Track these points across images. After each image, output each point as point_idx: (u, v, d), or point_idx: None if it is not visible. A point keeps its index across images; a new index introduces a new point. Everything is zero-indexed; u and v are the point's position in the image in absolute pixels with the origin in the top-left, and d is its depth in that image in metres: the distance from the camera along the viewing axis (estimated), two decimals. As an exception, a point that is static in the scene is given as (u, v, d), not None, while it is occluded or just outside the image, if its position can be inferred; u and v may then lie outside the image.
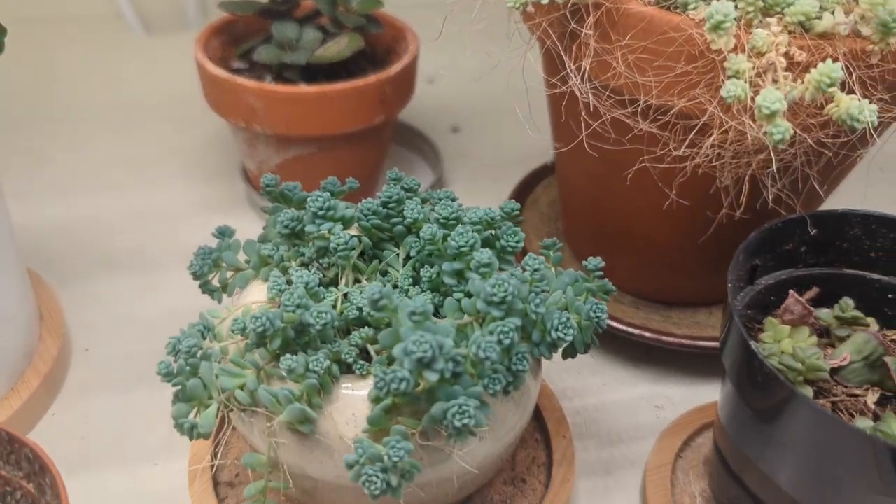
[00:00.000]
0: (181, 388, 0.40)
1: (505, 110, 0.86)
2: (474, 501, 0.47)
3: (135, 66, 0.93)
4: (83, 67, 0.92)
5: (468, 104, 0.87)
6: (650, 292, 0.59)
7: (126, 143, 0.80)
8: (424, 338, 0.35)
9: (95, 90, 0.89)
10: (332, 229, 0.43)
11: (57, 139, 0.80)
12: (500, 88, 0.90)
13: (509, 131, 0.83)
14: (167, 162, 0.77)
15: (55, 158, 0.77)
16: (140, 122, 0.83)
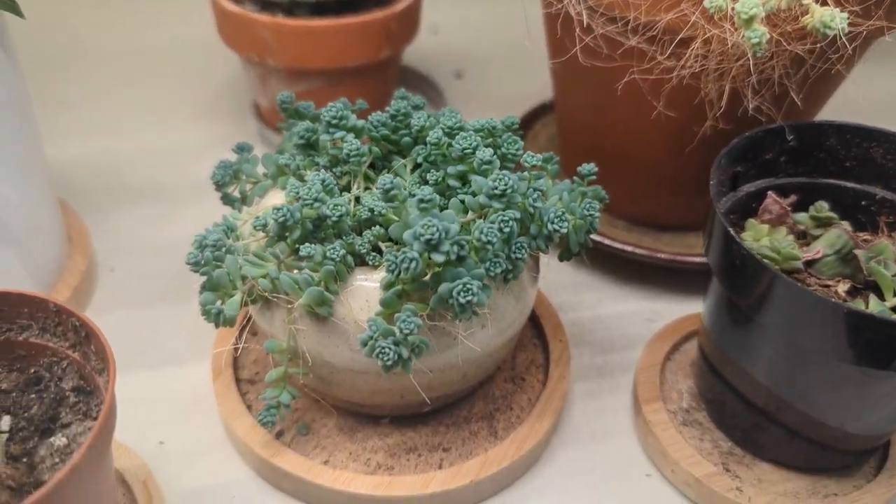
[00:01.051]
0: (208, 278, 0.43)
1: (505, 57, 0.90)
2: (478, 395, 0.51)
3: (147, 12, 0.97)
4: (98, 14, 0.95)
5: (470, 51, 0.90)
6: (643, 216, 0.62)
7: (141, 86, 0.83)
8: (432, 222, 0.39)
9: (110, 36, 0.92)
10: (345, 137, 0.47)
11: (75, 83, 0.83)
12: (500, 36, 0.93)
13: (509, 76, 0.86)
14: (180, 103, 0.81)
15: (74, 101, 0.81)
16: (153, 66, 0.87)
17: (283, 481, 0.46)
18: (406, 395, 0.46)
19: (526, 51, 0.55)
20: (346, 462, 0.46)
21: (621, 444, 0.50)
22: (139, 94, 0.83)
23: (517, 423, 0.49)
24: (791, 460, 0.47)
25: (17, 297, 0.38)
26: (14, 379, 0.39)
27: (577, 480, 0.48)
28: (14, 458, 0.36)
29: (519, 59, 0.90)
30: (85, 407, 0.38)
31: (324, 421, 0.48)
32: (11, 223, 0.50)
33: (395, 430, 0.48)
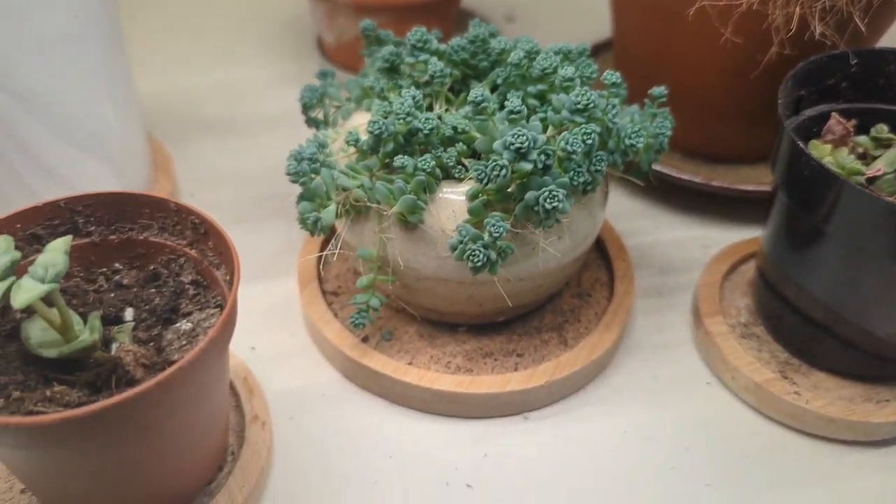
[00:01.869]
0: (305, 189, 0.46)
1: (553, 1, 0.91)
2: (547, 309, 0.54)
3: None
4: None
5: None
6: (698, 148, 0.64)
7: (207, 25, 0.87)
8: (522, 132, 0.41)
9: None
10: (429, 60, 0.49)
11: (145, 21, 0.87)
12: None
13: (558, 20, 0.88)
14: (247, 41, 0.84)
15: (145, 41, 0.84)
16: (218, 7, 0.90)
17: (370, 381, 0.49)
18: (485, 303, 0.49)
19: None
20: (428, 364, 0.50)
21: (681, 356, 0.53)
22: (206, 32, 0.86)
23: (585, 334, 0.52)
24: (846, 369, 0.50)
25: (140, 198, 0.41)
26: (134, 276, 0.43)
27: (641, 387, 0.51)
28: (143, 342, 0.40)
29: (567, 4, 0.92)
30: (203, 299, 0.41)
31: (405, 328, 0.52)
32: (110, 141, 0.53)
33: (472, 338, 0.51)
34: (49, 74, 0.47)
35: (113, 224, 0.42)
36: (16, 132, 0.47)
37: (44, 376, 0.38)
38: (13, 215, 0.40)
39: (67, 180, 0.51)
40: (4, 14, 0.43)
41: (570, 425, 0.49)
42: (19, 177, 0.49)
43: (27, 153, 0.48)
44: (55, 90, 0.48)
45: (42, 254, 0.36)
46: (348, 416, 0.49)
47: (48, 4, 0.45)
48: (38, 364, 0.39)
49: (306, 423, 0.48)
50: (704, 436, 0.48)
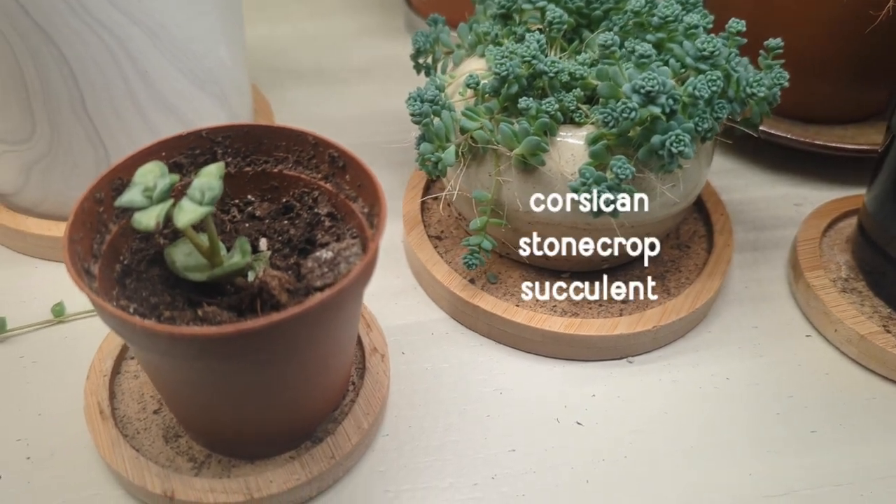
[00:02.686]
0: (426, 129, 0.47)
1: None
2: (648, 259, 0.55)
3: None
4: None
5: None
6: (792, 107, 0.64)
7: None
8: (652, 75, 0.42)
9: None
10: (546, 6, 0.50)
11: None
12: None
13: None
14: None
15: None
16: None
17: (479, 321, 0.51)
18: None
19: None
20: (535, 307, 0.51)
21: (780, 309, 0.54)
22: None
23: (686, 284, 0.53)
24: (949, 325, 0.50)
25: (279, 131, 0.43)
26: (266, 208, 0.44)
27: (741, 336, 0.52)
28: (281, 269, 0.41)
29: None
30: (338, 230, 0.42)
31: (509, 273, 0.53)
32: (224, 81, 0.54)
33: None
34: (179, 10, 0.48)
35: (249, 156, 0.43)
36: (145, 65, 0.48)
37: (187, 299, 0.40)
38: (159, 143, 0.41)
39: (185, 116, 0.52)
40: (145, -52, 0.44)
41: (674, 370, 0.50)
42: (142, 110, 0.50)
43: (152, 87, 0.49)
44: (182, 26, 0.49)
45: (197, 178, 0.37)
46: (457, 353, 0.50)
47: (184, -59, 0.46)
48: (180, 287, 0.40)
49: (417, 359, 0.50)
50: (807, 385, 0.49)
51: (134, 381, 0.46)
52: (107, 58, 0.46)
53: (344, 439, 0.42)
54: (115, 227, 0.40)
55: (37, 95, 0.47)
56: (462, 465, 0.44)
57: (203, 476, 0.41)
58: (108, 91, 0.48)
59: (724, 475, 0.44)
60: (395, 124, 0.66)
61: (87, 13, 0.45)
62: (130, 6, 0.46)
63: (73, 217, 0.37)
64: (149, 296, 0.39)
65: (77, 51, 0.46)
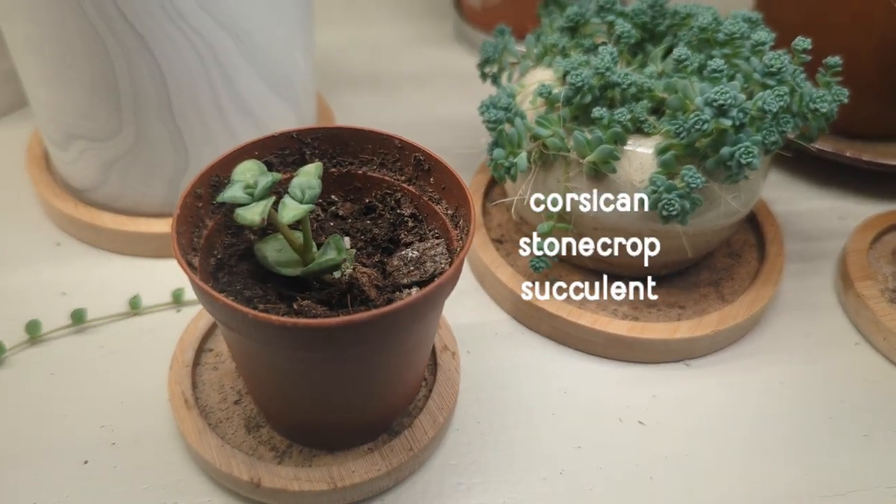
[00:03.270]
0: (500, 135, 0.49)
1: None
2: (702, 266, 0.56)
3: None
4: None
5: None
6: (839, 123, 0.66)
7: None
8: (725, 89, 0.44)
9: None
10: (615, 21, 0.52)
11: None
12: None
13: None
14: (381, 1, 0.87)
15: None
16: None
17: (542, 322, 0.52)
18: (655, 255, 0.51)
19: None
20: (596, 310, 0.52)
21: (829, 317, 0.56)
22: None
23: (741, 291, 0.54)
24: None
25: (366, 134, 0.44)
26: (349, 208, 0.46)
27: (794, 343, 0.54)
28: (365, 267, 0.43)
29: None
30: (421, 230, 0.44)
31: (569, 278, 0.55)
32: (297, 85, 0.56)
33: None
34: (264, 16, 0.50)
35: (335, 157, 0.45)
36: (227, 69, 0.50)
37: (278, 293, 0.42)
38: (252, 143, 0.43)
39: (261, 120, 0.54)
40: (237, -43, 0.46)
41: (730, 374, 0.51)
42: (223, 112, 0.52)
43: (234, 91, 0.51)
44: (264, 31, 0.50)
45: (297, 177, 0.39)
46: (520, 353, 0.52)
47: (272, -50, 0.48)
48: (271, 282, 0.42)
49: (483, 357, 0.51)
50: (858, 391, 0.51)
51: (213, 372, 0.48)
52: (196, 62, 0.48)
53: (421, 432, 0.44)
54: (210, 223, 0.42)
55: (126, 96, 0.49)
56: (530, 460, 0.46)
57: (286, 465, 0.43)
58: (193, 94, 0.50)
59: (780, 475, 0.46)
60: (451, 130, 0.68)
61: (180, 17, 0.46)
62: (221, 12, 0.47)
63: (179, 212, 0.39)
64: (242, 289, 0.41)
65: (168, 54, 0.48)
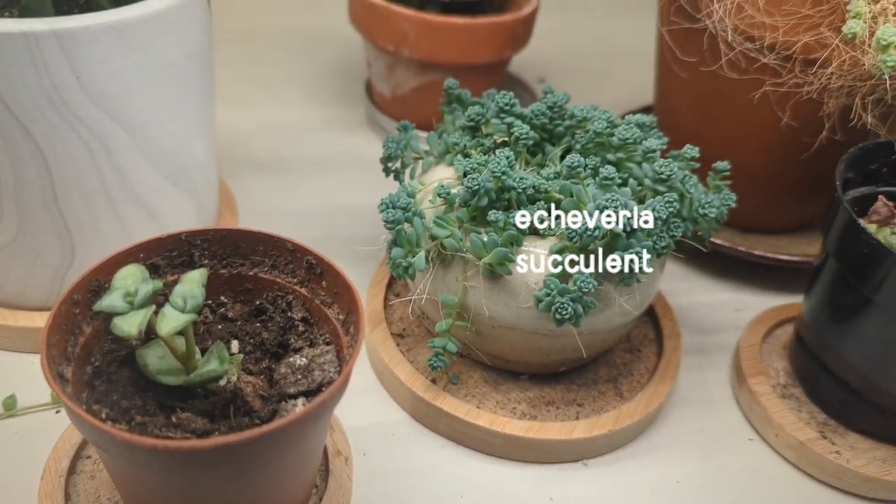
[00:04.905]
0: (399, 235, 0.49)
1: (585, 67, 0.96)
2: (601, 362, 0.57)
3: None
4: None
5: (552, 58, 0.97)
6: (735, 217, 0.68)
7: (256, 67, 0.89)
8: (615, 196, 0.45)
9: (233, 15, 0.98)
10: (514, 122, 0.53)
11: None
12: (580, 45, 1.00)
13: (588, 85, 0.93)
14: (294, 85, 0.87)
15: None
16: (268, 49, 0.93)
17: (440, 422, 0.51)
18: (552, 353, 0.51)
19: (603, 63, 0.62)
20: (495, 409, 0.52)
21: (724, 412, 0.57)
22: (257, 72, 0.88)
23: (639, 387, 0.55)
24: (880, 433, 0.53)
25: (257, 236, 0.44)
26: (239, 309, 0.45)
27: (688, 439, 0.54)
28: (251, 374, 0.41)
29: (596, 71, 0.97)
30: (312, 335, 0.43)
31: (470, 374, 0.54)
32: (195, 174, 0.55)
33: (534, 386, 0.54)
34: (158, 108, 0.49)
35: (226, 258, 0.44)
36: (120, 162, 0.49)
37: (159, 403, 0.40)
38: (138, 246, 0.41)
39: (156, 211, 0.53)
40: (131, 49, 0.45)
41: (628, 472, 0.51)
42: (114, 204, 0.50)
43: (126, 182, 0.50)
44: (160, 123, 0.50)
45: (180, 284, 0.38)
46: (418, 455, 0.51)
47: (169, 42, 0.48)
48: (152, 390, 0.40)
49: (379, 460, 0.50)
50: (750, 489, 0.51)
51: (90, 481, 0.45)
52: (83, 153, 0.47)
53: (308, 545, 0.42)
54: (88, 329, 0.40)
55: (8, 185, 0.47)
56: (424, 570, 0.45)
57: (162, 584, 0.40)
58: (81, 185, 0.48)
59: (677, 581, 0.46)
60: (357, 218, 0.68)
61: (68, 110, 0.45)
62: (112, 105, 0.46)
63: (52, 321, 0.37)
64: (120, 399, 0.39)
65: (54, 145, 0.46)
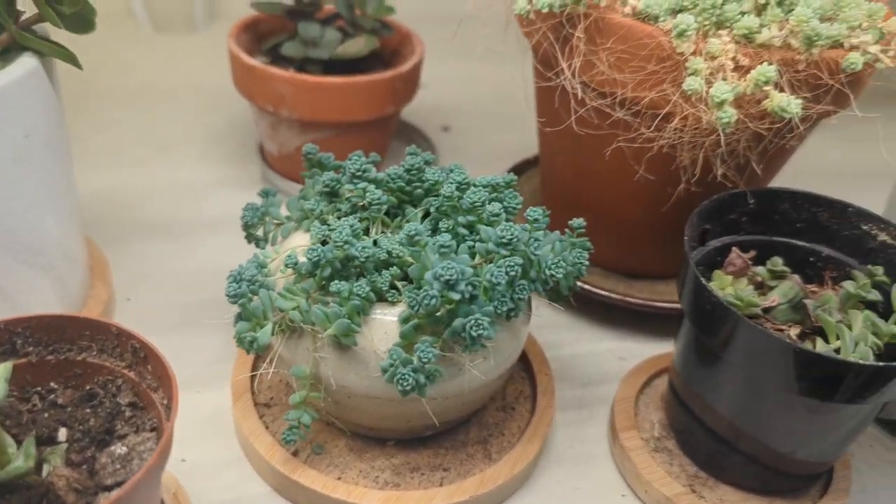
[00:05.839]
0: (244, 309, 0.48)
1: (490, 112, 0.97)
2: (473, 423, 0.56)
3: (150, 59, 1.02)
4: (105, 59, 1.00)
5: (456, 106, 0.97)
6: (618, 265, 0.69)
7: (150, 127, 0.88)
8: (451, 265, 0.45)
9: (123, 75, 0.97)
10: (367, 188, 0.53)
11: (87, 121, 0.88)
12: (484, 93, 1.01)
13: (492, 132, 0.93)
14: (188, 144, 0.86)
15: (87, 138, 0.85)
16: (162, 109, 0.92)
17: (301, 496, 0.50)
18: (412, 419, 0.51)
19: (508, 108, 0.63)
20: (357, 479, 0.51)
21: (599, 468, 0.56)
22: (150, 132, 0.87)
23: (508, 448, 0.54)
24: (749, 483, 0.53)
25: (82, 321, 0.43)
26: (69, 395, 0.44)
27: (563, 498, 0.54)
28: (75, 464, 0.40)
29: (501, 116, 0.97)
30: (139, 421, 0.42)
31: (335, 442, 0.53)
32: (49, 251, 0.54)
33: (400, 452, 0.53)
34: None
35: (51, 345, 0.43)
36: (-42, 246, 0.48)
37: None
38: (-48, 337, 0.40)
39: (5, 290, 0.51)
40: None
41: (493, 539, 0.51)
42: (-44, 288, 0.49)
43: (-33, 265, 0.49)
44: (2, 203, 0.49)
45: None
46: (277, 530, 0.50)
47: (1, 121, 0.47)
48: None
49: (235, 539, 0.49)
50: (620, 549, 0.51)
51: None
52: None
53: None
54: None
55: None
56: None
57: None
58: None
59: None
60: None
61: None
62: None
63: None
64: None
65: None
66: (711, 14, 0.51)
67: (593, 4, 0.53)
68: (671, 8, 0.52)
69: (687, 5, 0.52)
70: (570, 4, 0.52)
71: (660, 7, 0.52)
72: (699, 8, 0.51)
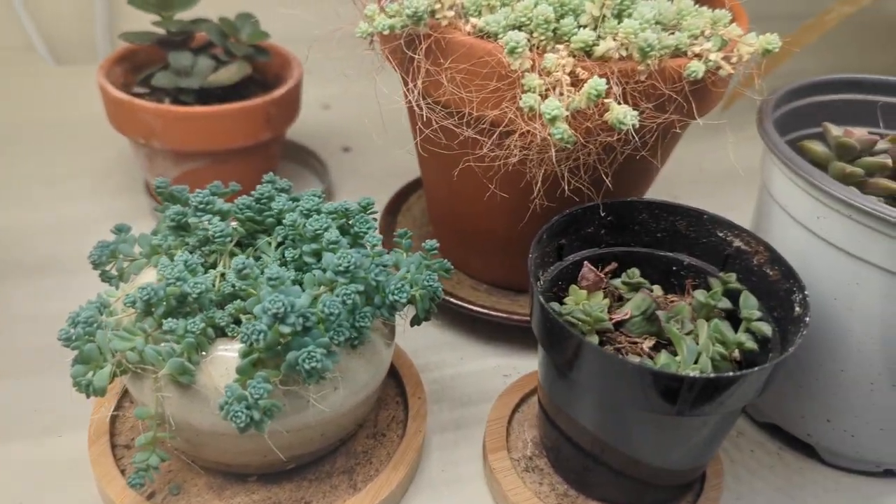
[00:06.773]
0: (79, 352, 0.47)
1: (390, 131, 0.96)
2: (340, 452, 0.55)
3: (45, 93, 1.00)
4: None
5: (359, 127, 0.97)
6: (500, 281, 0.69)
7: (37, 162, 0.87)
8: (278, 297, 0.44)
9: (6, 113, 0.95)
10: (211, 220, 0.52)
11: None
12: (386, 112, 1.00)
13: (393, 150, 0.93)
14: (76, 179, 0.84)
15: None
16: (50, 144, 0.90)
17: (153, 539, 0.49)
18: (268, 454, 0.50)
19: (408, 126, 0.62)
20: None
21: (472, 491, 0.55)
22: (35, 169, 0.86)
23: (375, 476, 0.53)
24: (618, 498, 0.53)
25: None
26: None
27: (429, 526, 0.53)
28: None
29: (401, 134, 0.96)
30: None
31: (194, 481, 0.52)
32: None
33: (262, 487, 0.52)
34: None
35: None
36: None
37: None
38: None
39: None
40: None
41: (353, 572, 0.50)
42: None
43: None
44: None
45: None
46: (129, 577, 0.48)
47: None
48: None
49: (83, 589, 0.48)
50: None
51: None
52: None
53: None
54: None
55: None
56: None
57: None
58: None
59: None
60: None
61: None
62: None
63: None
64: None
65: None
66: (547, 29, 0.51)
67: (435, 24, 0.53)
68: (510, 25, 0.52)
69: (525, 21, 0.51)
70: (411, 25, 0.52)
71: (498, 24, 0.52)
72: (534, 24, 0.51)
